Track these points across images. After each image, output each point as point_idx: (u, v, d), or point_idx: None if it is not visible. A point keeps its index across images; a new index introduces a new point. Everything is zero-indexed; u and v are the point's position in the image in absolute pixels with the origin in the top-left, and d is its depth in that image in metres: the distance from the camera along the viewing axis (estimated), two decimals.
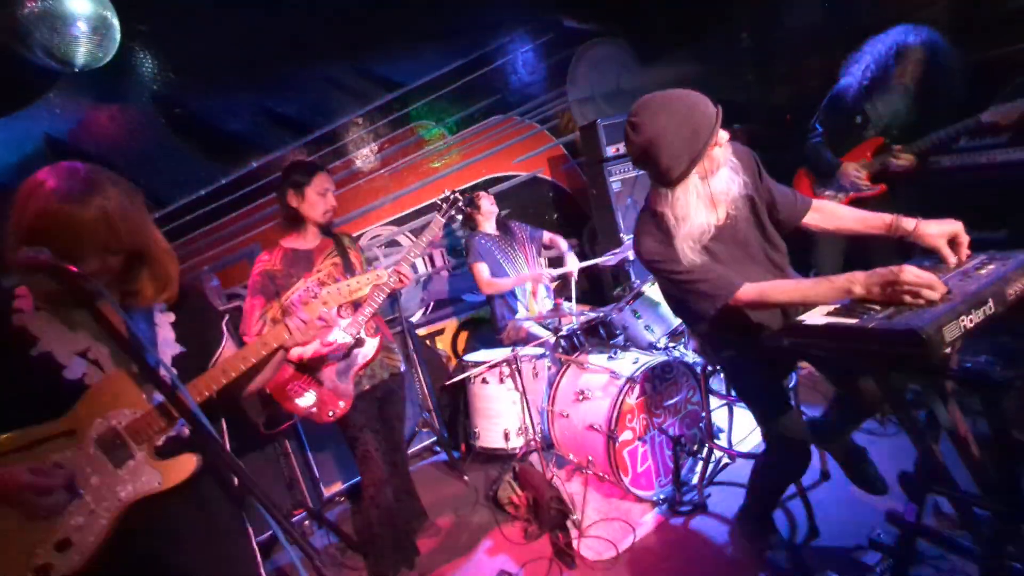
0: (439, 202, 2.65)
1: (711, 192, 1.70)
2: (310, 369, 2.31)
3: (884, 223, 1.72)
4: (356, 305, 2.37)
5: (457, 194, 2.66)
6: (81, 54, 2.57)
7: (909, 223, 1.64)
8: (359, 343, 2.36)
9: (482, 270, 3.47)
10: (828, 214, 1.88)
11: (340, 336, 2.30)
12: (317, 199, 2.34)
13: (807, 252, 3.06)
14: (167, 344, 1.36)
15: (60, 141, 3.04)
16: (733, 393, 2.52)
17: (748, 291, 1.65)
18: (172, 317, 1.40)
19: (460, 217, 2.58)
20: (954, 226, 1.58)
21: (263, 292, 2.29)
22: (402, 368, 2.57)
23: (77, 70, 2.62)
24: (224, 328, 1.52)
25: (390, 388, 2.51)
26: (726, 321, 1.76)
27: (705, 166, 1.66)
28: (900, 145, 2.80)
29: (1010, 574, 1.40)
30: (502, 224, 3.66)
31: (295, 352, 2.22)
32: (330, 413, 2.32)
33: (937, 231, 1.58)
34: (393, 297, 3.18)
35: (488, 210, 3.60)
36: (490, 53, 4.31)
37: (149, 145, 3.24)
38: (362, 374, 2.38)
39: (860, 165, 2.88)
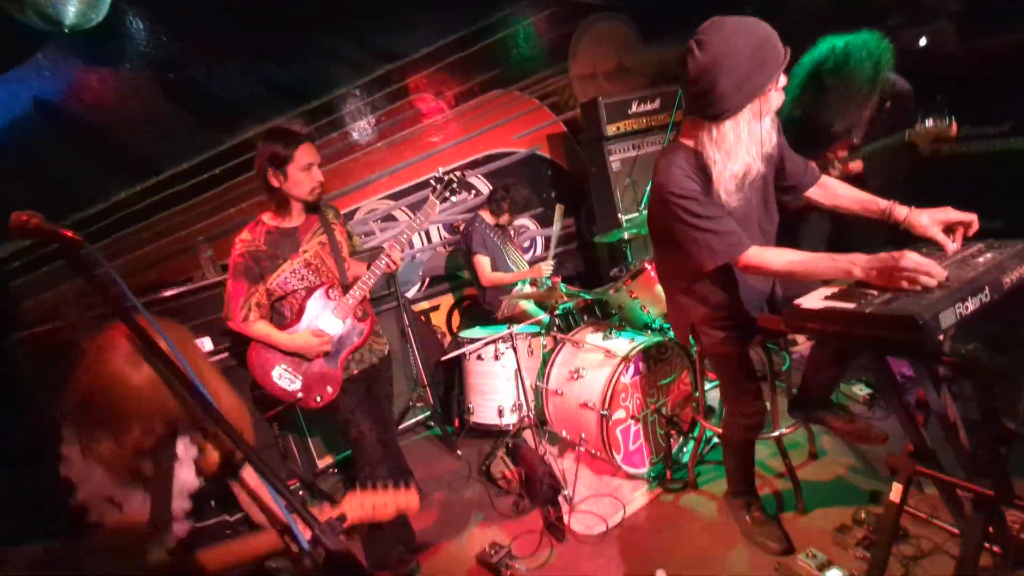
0: (433, 183, 2.43)
1: (761, 135, 1.62)
2: (298, 355, 2.22)
3: (879, 207, 1.72)
4: (346, 288, 2.28)
5: (452, 175, 2.43)
6: (71, 14, 2.50)
7: (901, 211, 1.65)
8: (349, 329, 2.27)
9: (484, 264, 3.46)
10: (829, 190, 1.88)
11: (330, 325, 2.23)
12: (301, 176, 2.12)
13: (789, 237, 3.07)
14: (186, 485, 1.33)
15: (50, 104, 2.97)
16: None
17: (753, 255, 1.64)
18: (195, 452, 1.35)
19: (454, 199, 2.43)
20: (946, 213, 1.58)
21: (247, 275, 2.15)
22: (387, 350, 2.50)
23: (67, 31, 2.55)
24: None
25: (378, 369, 2.45)
26: (706, 284, 1.81)
27: (759, 104, 1.57)
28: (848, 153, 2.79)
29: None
30: (499, 213, 3.63)
31: (282, 340, 2.17)
32: (317, 399, 2.25)
33: (928, 220, 1.58)
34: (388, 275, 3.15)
35: (502, 220, 3.61)
36: (491, 25, 4.22)
37: (142, 111, 3.17)
38: (350, 358, 2.31)
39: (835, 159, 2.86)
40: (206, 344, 2.83)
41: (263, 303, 2.19)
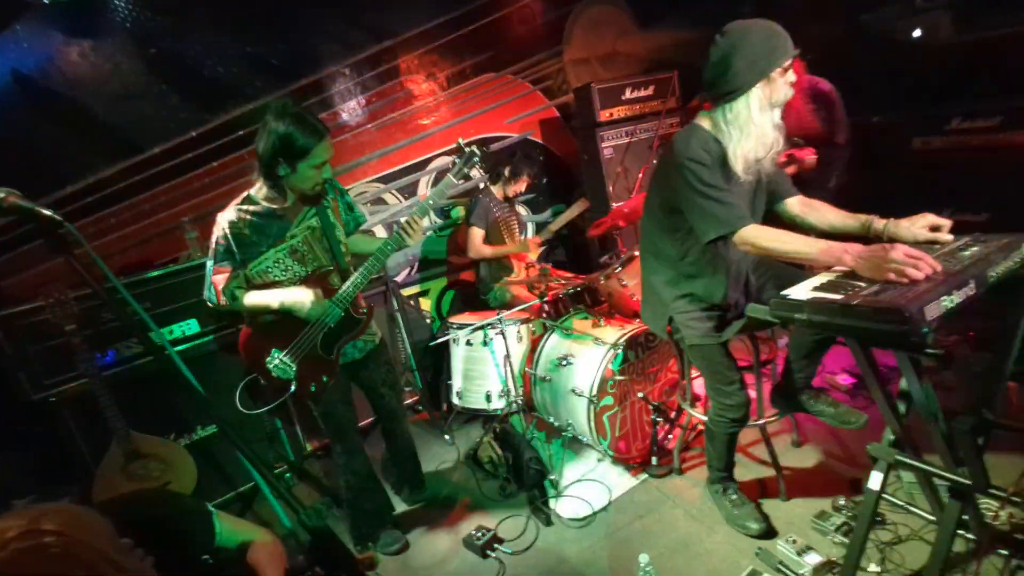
0: (455, 159, 2.23)
1: (770, 120, 1.76)
2: (294, 342, 2.10)
3: (859, 222, 1.78)
4: (344, 275, 2.17)
5: (474, 148, 2.25)
6: None
7: (879, 223, 1.70)
8: (348, 318, 2.16)
9: (476, 235, 3.45)
10: (813, 208, 1.94)
11: (332, 316, 2.10)
12: (311, 173, 1.94)
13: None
14: None
15: (28, 78, 2.88)
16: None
17: (751, 231, 1.71)
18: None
19: (477, 175, 2.21)
20: (925, 219, 1.61)
21: (229, 259, 2.01)
22: (378, 340, 2.40)
23: (47, 1, 2.47)
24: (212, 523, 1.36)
25: (368, 353, 2.35)
26: (691, 268, 1.89)
27: (770, 90, 1.72)
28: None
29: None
30: (506, 185, 3.63)
31: (275, 297, 2.01)
32: (312, 388, 2.14)
33: (908, 231, 1.62)
34: None
35: (517, 188, 3.61)
36: (486, 6, 4.14)
37: (124, 87, 3.09)
38: (344, 348, 2.22)
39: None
40: (193, 326, 2.81)
41: (244, 287, 2.06)
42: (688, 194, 1.77)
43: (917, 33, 3.58)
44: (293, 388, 2.09)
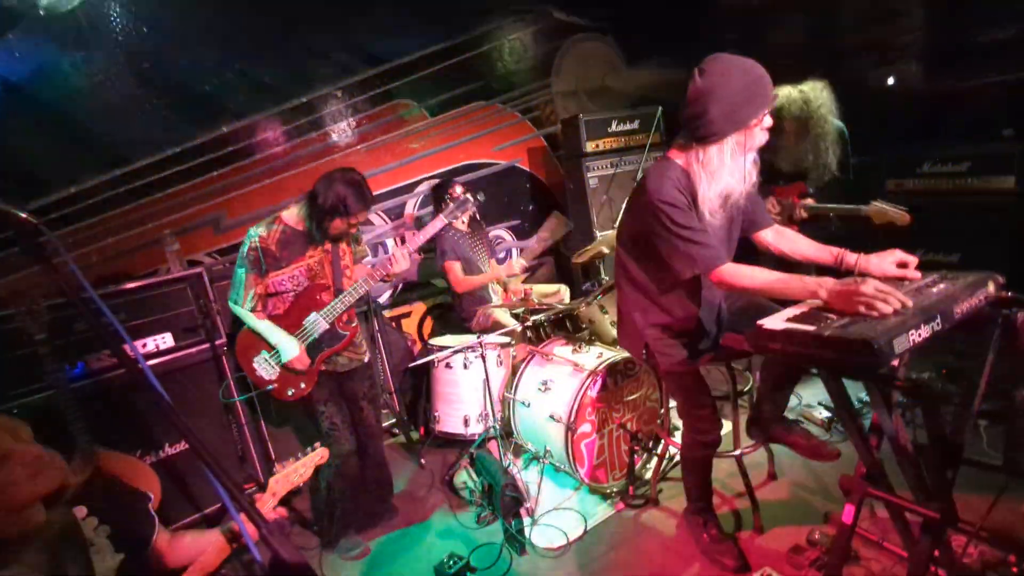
0: (448, 200, 2.60)
1: (744, 167, 1.76)
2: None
3: (832, 255, 1.83)
4: (337, 292, 2.37)
5: (470, 195, 2.64)
6: None
7: (851, 258, 1.75)
8: (332, 332, 2.39)
9: (455, 268, 3.45)
10: (787, 239, 1.99)
11: (319, 324, 2.35)
12: (343, 228, 2.30)
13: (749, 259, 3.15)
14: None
15: (17, 86, 2.87)
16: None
17: (726, 271, 1.73)
18: (98, 524, 1.35)
19: (462, 219, 2.66)
20: (894, 255, 1.66)
21: (256, 268, 2.27)
22: (366, 359, 2.58)
23: (42, 12, 2.49)
24: (152, 513, 1.50)
25: (352, 368, 2.50)
26: (666, 300, 1.92)
27: (744, 137, 1.72)
28: (811, 200, 2.91)
29: None
30: (473, 219, 3.64)
31: (273, 337, 2.32)
32: (290, 392, 2.39)
33: (877, 267, 1.67)
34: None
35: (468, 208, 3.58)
36: (478, 38, 4.26)
37: (114, 99, 3.09)
38: (326, 361, 2.41)
39: (779, 201, 2.98)
40: (167, 340, 2.75)
41: (263, 296, 2.31)
42: (663, 234, 1.78)
43: (891, 81, 3.75)
44: (272, 387, 2.37)
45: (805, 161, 2.92)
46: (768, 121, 1.75)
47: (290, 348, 2.32)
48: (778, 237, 2.01)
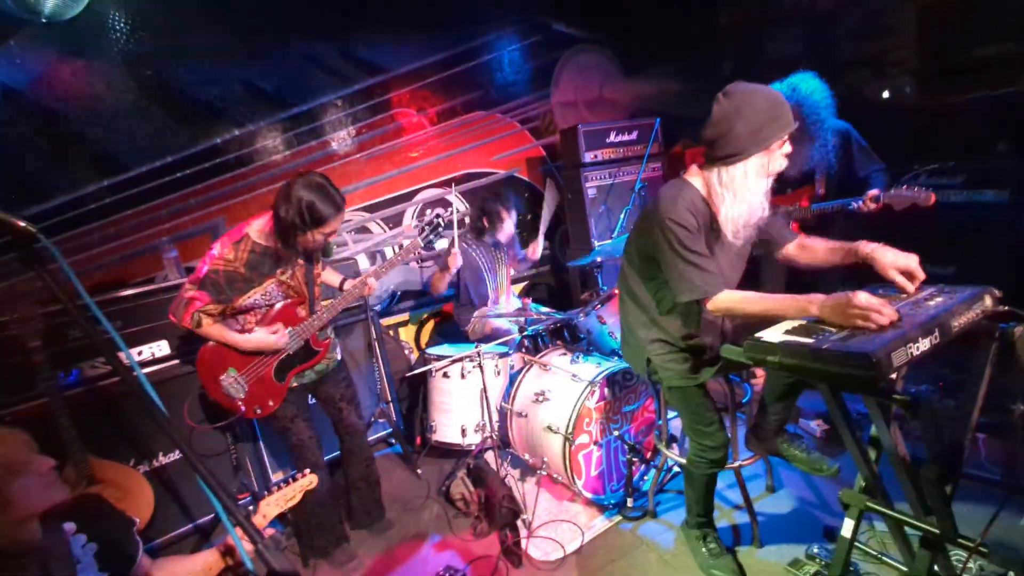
0: (424, 225, 2.58)
1: (764, 187, 1.78)
2: (257, 352, 2.25)
3: (848, 248, 1.81)
4: (312, 308, 2.34)
5: (441, 220, 2.61)
6: (50, 3, 2.45)
7: (867, 246, 1.73)
8: (307, 348, 2.35)
9: (442, 279, 3.47)
10: (808, 250, 1.98)
11: (292, 344, 2.30)
12: (320, 239, 2.14)
13: (754, 277, 3.15)
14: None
15: (17, 92, 2.87)
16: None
17: (723, 298, 1.74)
18: (86, 541, 1.36)
19: (436, 243, 2.71)
20: (909, 259, 1.65)
21: (212, 290, 2.10)
22: (339, 356, 2.55)
23: (44, 20, 2.49)
24: (136, 536, 1.51)
25: (326, 374, 2.48)
26: (669, 317, 1.93)
27: (767, 159, 1.74)
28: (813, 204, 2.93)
29: None
30: (475, 228, 3.59)
31: (239, 340, 2.18)
32: (256, 410, 2.29)
33: (891, 260, 1.65)
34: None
35: (506, 230, 3.54)
36: (477, 48, 4.29)
37: (114, 106, 3.09)
38: (297, 375, 2.37)
39: (788, 212, 2.98)
40: (163, 348, 2.74)
41: (214, 314, 2.16)
42: (668, 254, 1.79)
43: (886, 95, 3.78)
44: (242, 408, 2.26)
45: (809, 163, 2.89)
46: (788, 148, 1.77)
47: (269, 337, 2.20)
48: (800, 250, 2.00)
